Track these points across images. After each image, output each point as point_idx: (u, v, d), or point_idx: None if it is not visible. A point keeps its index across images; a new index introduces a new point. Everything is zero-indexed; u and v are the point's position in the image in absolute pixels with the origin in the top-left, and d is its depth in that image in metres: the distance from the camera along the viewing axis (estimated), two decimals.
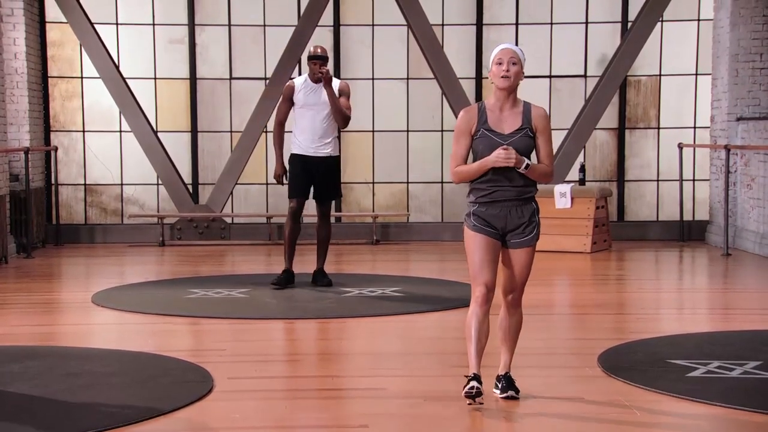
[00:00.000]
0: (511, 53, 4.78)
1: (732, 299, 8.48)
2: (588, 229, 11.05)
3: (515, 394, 4.90)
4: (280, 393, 5.28)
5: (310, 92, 8.38)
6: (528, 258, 4.85)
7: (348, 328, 7.02)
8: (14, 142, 11.60)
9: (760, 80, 11.63)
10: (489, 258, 4.78)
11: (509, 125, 4.78)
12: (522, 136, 4.76)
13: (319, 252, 8.60)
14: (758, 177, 11.04)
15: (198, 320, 7.26)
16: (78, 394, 5.05)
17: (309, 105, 8.37)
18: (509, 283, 4.88)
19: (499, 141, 4.73)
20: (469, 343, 4.78)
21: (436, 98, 12.60)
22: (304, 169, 8.41)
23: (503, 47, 4.83)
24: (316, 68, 8.29)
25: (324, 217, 8.56)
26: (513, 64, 4.76)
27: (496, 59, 4.80)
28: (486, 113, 4.80)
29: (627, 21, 12.56)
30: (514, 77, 4.76)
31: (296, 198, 8.44)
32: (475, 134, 4.80)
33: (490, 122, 4.78)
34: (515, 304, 4.92)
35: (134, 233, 12.39)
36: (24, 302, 8.14)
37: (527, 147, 4.77)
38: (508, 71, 4.75)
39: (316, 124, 8.39)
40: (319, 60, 8.32)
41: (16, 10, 11.57)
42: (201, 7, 12.57)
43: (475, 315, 4.76)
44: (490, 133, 4.76)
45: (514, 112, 4.80)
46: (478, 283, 4.77)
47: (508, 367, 4.98)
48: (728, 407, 4.82)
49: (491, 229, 4.79)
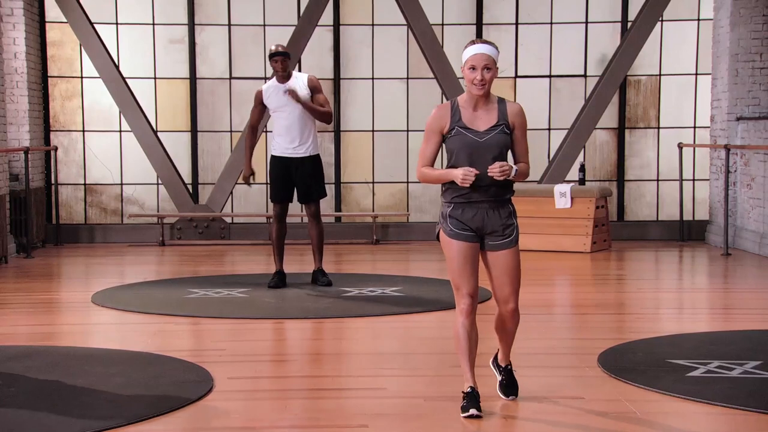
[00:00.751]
0: (484, 60, 4.59)
1: (732, 299, 8.48)
2: (588, 229, 11.05)
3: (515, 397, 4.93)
4: (280, 393, 5.28)
5: (278, 94, 8.35)
6: (512, 260, 4.68)
7: (348, 328, 7.02)
8: (14, 141, 11.60)
9: (760, 80, 11.63)
10: (469, 265, 4.65)
11: (484, 122, 4.64)
12: (498, 132, 4.63)
13: (315, 252, 8.58)
14: (758, 177, 11.04)
15: (198, 320, 7.26)
16: (77, 394, 5.05)
17: (281, 107, 8.36)
18: (500, 291, 4.72)
19: (474, 138, 4.61)
20: (461, 355, 4.69)
21: (436, 98, 12.60)
22: (285, 172, 8.41)
23: (475, 52, 4.60)
24: (278, 66, 8.30)
25: (314, 217, 8.49)
26: (487, 70, 4.60)
27: (468, 63, 4.61)
28: (459, 111, 4.66)
29: (627, 21, 12.56)
30: (489, 84, 4.62)
31: (279, 202, 8.45)
32: (449, 132, 4.66)
33: (464, 120, 4.64)
34: (513, 313, 4.75)
35: (134, 233, 12.39)
36: (24, 302, 8.14)
37: (503, 144, 4.64)
38: (482, 80, 4.60)
39: (292, 124, 8.35)
40: (279, 56, 8.31)
41: (16, 10, 11.57)
42: (201, 7, 12.57)
43: (463, 327, 4.64)
44: (465, 131, 4.63)
45: (488, 108, 4.67)
46: (461, 294, 4.64)
47: (508, 359, 4.96)
48: (728, 407, 4.82)
49: (468, 232, 4.66)
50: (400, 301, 7.92)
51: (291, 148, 8.40)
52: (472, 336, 4.68)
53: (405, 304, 7.74)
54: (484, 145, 4.62)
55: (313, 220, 8.49)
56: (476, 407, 4.62)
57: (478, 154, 4.61)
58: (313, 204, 8.46)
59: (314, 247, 8.57)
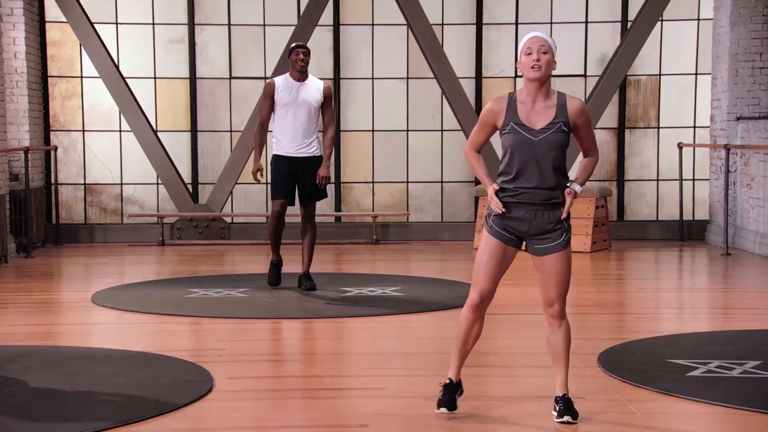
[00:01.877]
0: (540, 41, 4.44)
1: (732, 299, 8.48)
2: (588, 229, 11.05)
3: (572, 420, 4.54)
4: (280, 393, 5.28)
5: (292, 90, 8.19)
6: (560, 265, 4.51)
7: (347, 327, 7.02)
8: (14, 141, 11.60)
9: (759, 80, 11.63)
10: (494, 266, 4.56)
11: (541, 119, 4.44)
12: (555, 131, 4.43)
13: (305, 255, 8.33)
14: (758, 176, 11.04)
15: (198, 320, 7.26)
16: (77, 394, 5.05)
17: (290, 104, 8.15)
18: (546, 294, 4.58)
19: (529, 137, 4.42)
20: (455, 345, 4.69)
21: (436, 98, 12.60)
22: (288, 171, 8.21)
23: (532, 35, 4.49)
24: (299, 58, 8.15)
25: (309, 218, 8.28)
26: (543, 53, 4.42)
27: (524, 49, 4.46)
28: (516, 106, 4.47)
29: (627, 20, 12.56)
30: (545, 67, 4.42)
31: (280, 200, 8.22)
32: (503, 128, 4.48)
33: (520, 116, 4.45)
34: (558, 316, 4.59)
35: (134, 233, 12.39)
36: (24, 302, 8.14)
37: (561, 143, 4.45)
38: (538, 60, 4.40)
39: (298, 123, 8.17)
40: (302, 48, 8.22)
41: (15, 10, 11.57)
42: (201, 6, 12.57)
43: (465, 318, 4.63)
44: (519, 128, 4.44)
45: (547, 104, 4.47)
46: (475, 289, 4.59)
47: (565, 388, 4.61)
48: (728, 407, 4.82)
49: (509, 236, 4.55)
50: (400, 301, 7.92)
51: (295, 148, 8.20)
52: (472, 332, 4.66)
53: (405, 304, 7.74)
54: (538, 144, 4.44)
55: (308, 222, 8.28)
56: (448, 405, 4.63)
57: (533, 153, 4.45)
58: (312, 205, 8.32)
59: (304, 250, 8.32)
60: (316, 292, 8.23)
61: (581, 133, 4.55)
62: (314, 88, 8.25)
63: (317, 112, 8.29)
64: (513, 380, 5.49)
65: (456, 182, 12.66)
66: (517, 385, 5.35)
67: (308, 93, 8.22)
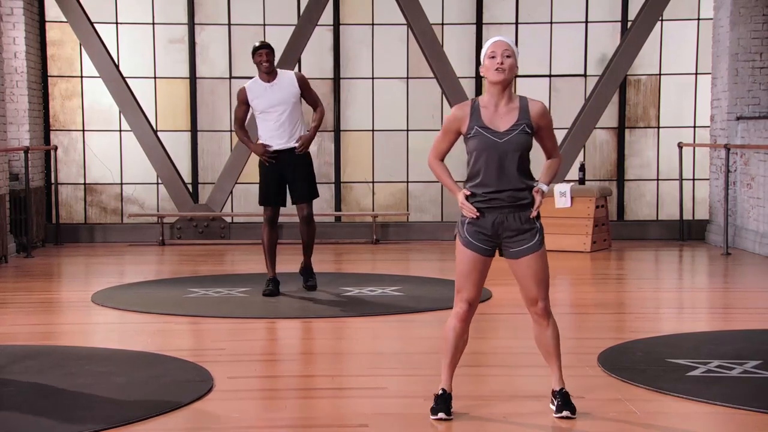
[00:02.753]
0: (504, 45, 4.52)
1: (732, 298, 8.48)
2: (588, 229, 11.05)
3: (571, 414, 4.60)
4: (280, 392, 5.28)
5: (264, 94, 7.95)
6: (537, 265, 4.56)
7: (347, 327, 7.02)
8: (14, 141, 11.60)
9: (759, 79, 11.63)
10: (476, 274, 4.58)
11: (505, 122, 4.52)
12: (519, 132, 4.50)
13: (305, 248, 8.21)
14: (758, 176, 11.04)
15: (198, 319, 7.26)
16: (78, 394, 5.05)
17: (267, 108, 7.94)
18: (527, 294, 4.61)
19: (494, 140, 4.48)
20: (444, 356, 4.66)
21: (436, 98, 12.60)
22: (276, 172, 7.99)
23: (495, 39, 4.57)
24: (262, 59, 7.86)
25: (306, 218, 8.09)
26: (507, 57, 4.50)
27: (488, 53, 4.54)
28: (479, 110, 4.54)
29: (627, 20, 12.56)
30: (508, 70, 4.50)
31: (270, 206, 8.07)
32: (468, 132, 4.54)
33: (484, 119, 4.52)
34: (543, 314, 4.61)
35: (134, 233, 12.39)
36: (24, 301, 8.14)
37: (524, 144, 4.52)
38: (502, 63, 4.49)
39: (282, 124, 7.96)
40: (264, 49, 7.89)
41: (15, 10, 11.57)
42: (201, 6, 12.57)
43: (453, 330, 4.60)
44: (484, 131, 4.51)
45: (509, 107, 4.54)
46: (460, 298, 4.59)
47: (561, 382, 4.68)
48: (728, 406, 4.82)
49: (483, 245, 4.57)
50: (400, 300, 7.92)
51: (281, 143, 7.99)
52: (460, 342, 4.64)
53: (405, 304, 7.74)
54: (503, 145, 4.50)
55: (305, 224, 8.10)
56: (445, 411, 4.61)
57: (498, 156, 4.51)
58: (306, 205, 8.08)
59: (305, 248, 8.20)
60: (316, 292, 8.22)
61: (544, 134, 4.63)
62: (287, 84, 7.98)
63: (297, 105, 8.04)
64: (512, 379, 5.49)
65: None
66: (516, 385, 5.35)
67: (282, 92, 7.95)
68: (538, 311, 4.62)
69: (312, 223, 8.19)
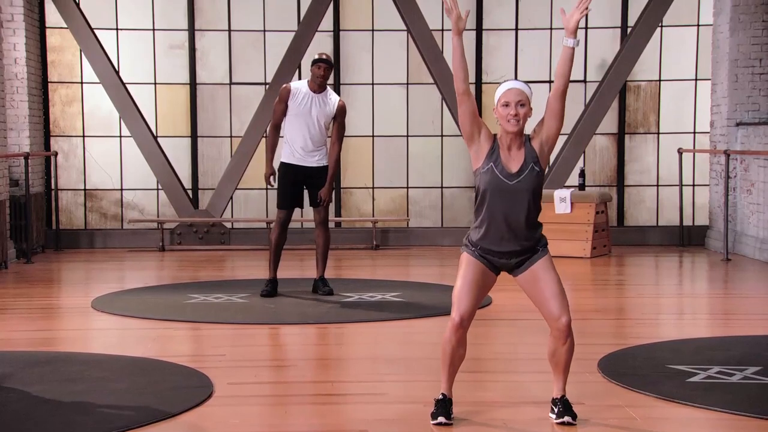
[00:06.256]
0: (518, 94, 4.52)
1: (732, 304, 8.48)
2: (588, 234, 11.05)
3: (572, 420, 4.59)
4: (280, 398, 5.28)
5: (306, 102, 8.18)
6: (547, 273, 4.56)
7: (348, 333, 7.02)
8: (14, 147, 11.60)
9: (759, 85, 11.64)
10: (477, 288, 4.56)
11: (516, 163, 4.53)
12: (528, 173, 4.51)
13: (319, 260, 8.40)
14: (758, 182, 11.05)
15: (198, 325, 7.26)
16: (77, 400, 5.05)
17: (302, 115, 8.18)
18: (547, 310, 4.55)
19: (505, 181, 4.48)
20: (443, 365, 4.65)
21: (435, 103, 12.60)
22: (295, 180, 8.26)
23: (509, 87, 4.55)
24: (320, 72, 8.11)
25: (322, 224, 8.35)
26: (521, 106, 4.50)
27: (501, 100, 4.53)
28: (498, 150, 4.55)
29: (627, 26, 12.57)
30: (523, 120, 4.51)
31: (285, 209, 8.30)
32: (483, 167, 4.53)
33: (501, 158, 4.53)
34: (565, 330, 4.53)
35: (134, 238, 12.39)
36: (24, 307, 8.14)
37: (535, 185, 4.52)
38: (516, 115, 4.49)
39: (306, 135, 8.19)
40: (324, 63, 8.15)
41: (16, 16, 11.58)
42: (201, 12, 12.59)
43: (449, 343, 4.57)
44: (497, 170, 4.51)
45: (519, 151, 4.56)
46: (455, 310, 4.55)
47: (563, 390, 4.66)
48: (728, 412, 4.81)
49: (489, 264, 4.60)
50: (400, 306, 7.92)
51: (304, 156, 8.23)
52: (456, 357, 4.62)
53: (405, 310, 7.74)
54: (514, 189, 4.50)
55: (321, 227, 8.34)
56: (445, 415, 4.60)
57: (508, 198, 4.50)
58: (323, 209, 8.33)
59: (318, 255, 8.39)
60: (316, 298, 8.23)
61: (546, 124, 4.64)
62: (329, 104, 8.26)
63: (327, 126, 8.35)
64: (512, 385, 5.49)
65: (456, 188, 12.66)
66: (517, 390, 5.35)
67: (321, 107, 8.22)
68: (561, 326, 4.53)
69: (328, 229, 8.43)
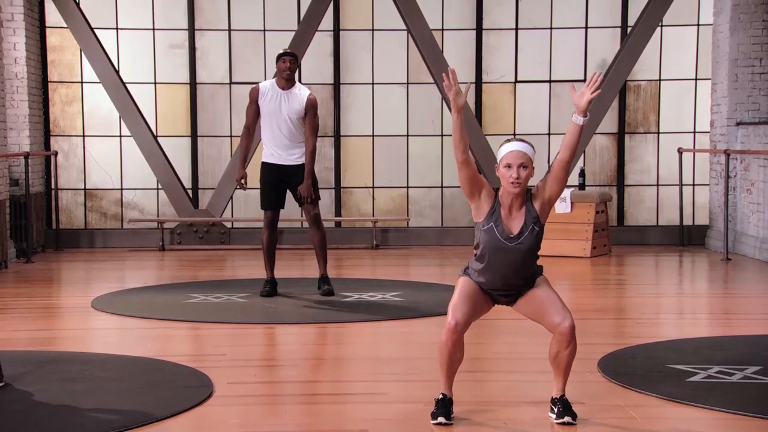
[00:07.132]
0: (520, 157, 4.50)
1: (732, 304, 8.48)
2: (588, 234, 11.05)
3: (572, 420, 4.59)
4: (280, 398, 5.28)
5: (274, 99, 8.10)
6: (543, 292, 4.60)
7: (348, 332, 7.02)
8: (14, 146, 11.60)
9: (759, 85, 11.63)
10: (473, 304, 4.59)
11: (516, 225, 4.55)
12: (527, 235, 4.53)
13: (318, 257, 8.38)
14: (758, 182, 11.05)
15: (198, 325, 7.26)
16: (77, 399, 5.05)
17: (272, 114, 8.10)
18: (549, 321, 4.56)
19: (504, 243, 4.51)
20: (441, 369, 4.65)
21: (435, 103, 12.60)
22: (275, 179, 8.20)
23: (511, 149, 4.53)
24: (285, 66, 8.03)
25: (314, 222, 8.25)
26: (523, 168, 4.49)
27: (504, 161, 4.51)
28: (499, 208, 4.56)
29: (627, 26, 12.57)
30: (524, 182, 4.50)
31: (270, 210, 8.26)
32: (484, 225, 4.55)
33: (501, 218, 4.55)
34: (569, 332, 4.49)
35: (134, 238, 12.39)
36: (24, 307, 8.14)
37: (533, 246, 4.55)
38: (518, 178, 4.48)
39: (282, 132, 8.12)
40: (289, 56, 8.07)
41: (16, 15, 11.58)
42: (201, 11, 12.58)
43: (445, 346, 4.56)
44: (497, 232, 4.53)
45: (520, 210, 4.56)
46: (452, 315, 4.55)
47: (563, 390, 4.67)
48: (728, 412, 4.81)
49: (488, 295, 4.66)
50: (400, 306, 7.92)
51: (281, 155, 8.17)
52: (454, 357, 4.62)
53: (405, 309, 7.74)
54: (513, 249, 4.53)
55: (313, 225, 8.26)
56: (445, 415, 4.60)
57: (506, 255, 4.54)
58: (311, 207, 8.21)
59: (317, 253, 8.36)
60: (316, 297, 8.22)
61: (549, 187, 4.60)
62: (298, 99, 8.11)
63: (300, 122, 8.16)
64: (512, 385, 5.49)
65: (456, 187, 12.66)
66: (516, 390, 5.35)
67: (291, 104, 8.10)
68: (564, 330, 4.51)
69: (321, 227, 8.31)
